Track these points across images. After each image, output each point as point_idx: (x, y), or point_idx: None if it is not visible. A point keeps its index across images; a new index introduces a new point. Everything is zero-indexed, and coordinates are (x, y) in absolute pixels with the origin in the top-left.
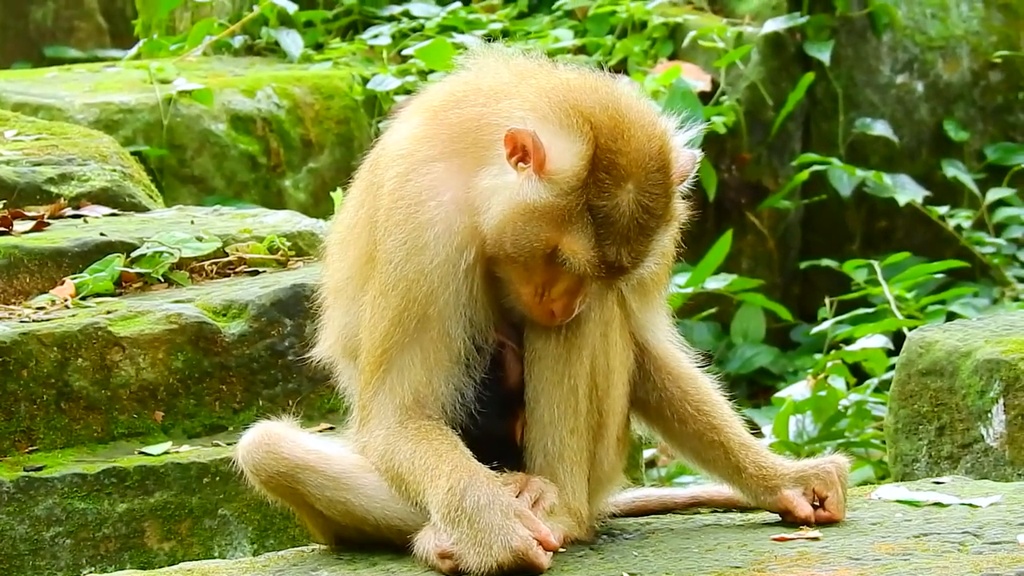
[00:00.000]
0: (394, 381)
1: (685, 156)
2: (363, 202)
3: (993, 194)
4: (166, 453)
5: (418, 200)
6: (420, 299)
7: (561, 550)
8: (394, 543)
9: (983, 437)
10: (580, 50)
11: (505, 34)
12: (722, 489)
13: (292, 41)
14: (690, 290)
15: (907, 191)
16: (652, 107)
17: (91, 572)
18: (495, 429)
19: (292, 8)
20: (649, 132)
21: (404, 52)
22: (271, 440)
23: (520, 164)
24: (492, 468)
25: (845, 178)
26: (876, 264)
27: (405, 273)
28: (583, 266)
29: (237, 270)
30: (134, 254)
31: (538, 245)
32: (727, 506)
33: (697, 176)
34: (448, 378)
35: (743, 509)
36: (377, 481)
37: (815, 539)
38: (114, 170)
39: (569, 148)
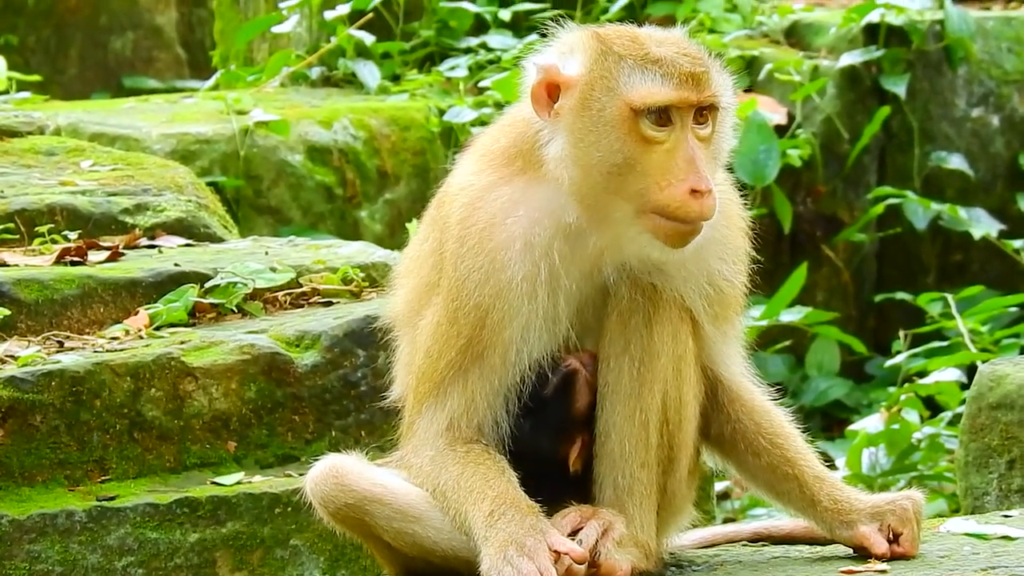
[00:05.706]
0: (452, 404)
1: None
2: (428, 236)
3: None
4: (238, 483)
5: (491, 223)
6: (493, 324)
7: None
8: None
9: None
10: None
11: None
12: (782, 523)
13: (369, 72)
14: (765, 323)
15: (982, 224)
16: None
17: None
18: (544, 447)
19: (369, 40)
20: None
21: (481, 84)
22: (339, 473)
23: (555, 107)
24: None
25: (920, 211)
26: (950, 297)
27: (479, 299)
28: (660, 93)
29: (311, 301)
30: (208, 284)
31: (618, 123)
32: (788, 540)
33: (772, 209)
34: (506, 402)
35: (808, 542)
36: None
37: (883, 572)
38: (189, 201)
39: (573, 43)
